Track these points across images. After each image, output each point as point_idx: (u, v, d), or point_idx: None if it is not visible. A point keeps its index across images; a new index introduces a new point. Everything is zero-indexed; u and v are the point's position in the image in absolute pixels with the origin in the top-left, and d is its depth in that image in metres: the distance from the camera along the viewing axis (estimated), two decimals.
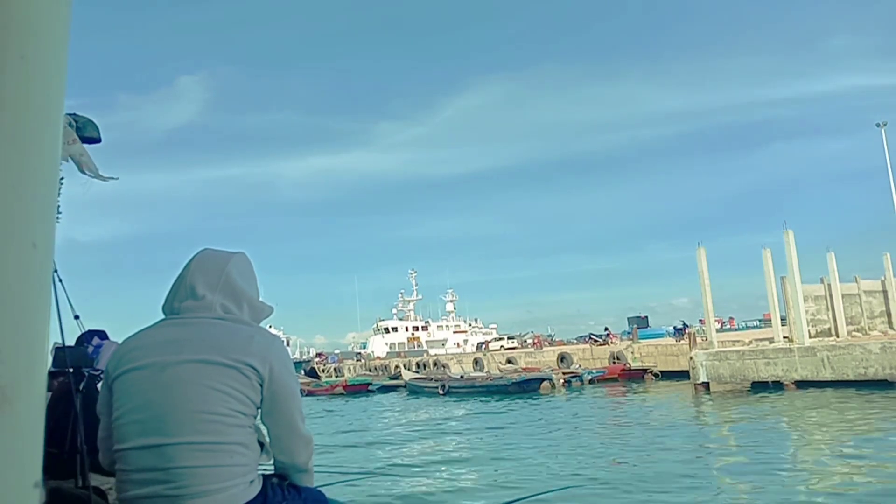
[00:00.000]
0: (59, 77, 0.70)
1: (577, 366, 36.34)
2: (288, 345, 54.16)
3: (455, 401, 29.20)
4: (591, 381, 33.03)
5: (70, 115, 3.02)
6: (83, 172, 3.02)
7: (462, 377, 34.49)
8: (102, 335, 4.26)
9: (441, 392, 32.64)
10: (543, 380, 31.42)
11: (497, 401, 27.02)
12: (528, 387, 30.23)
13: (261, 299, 1.95)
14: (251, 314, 1.89)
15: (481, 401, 27.99)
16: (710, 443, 14.10)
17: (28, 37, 0.66)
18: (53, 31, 0.69)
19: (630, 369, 33.95)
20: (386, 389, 40.11)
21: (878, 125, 40.38)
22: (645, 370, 33.62)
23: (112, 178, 3.17)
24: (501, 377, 33.35)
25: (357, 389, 39.38)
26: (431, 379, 36.45)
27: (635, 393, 27.91)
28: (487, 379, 33.03)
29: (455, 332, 76.75)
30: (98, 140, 3.16)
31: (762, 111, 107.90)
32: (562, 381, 32.06)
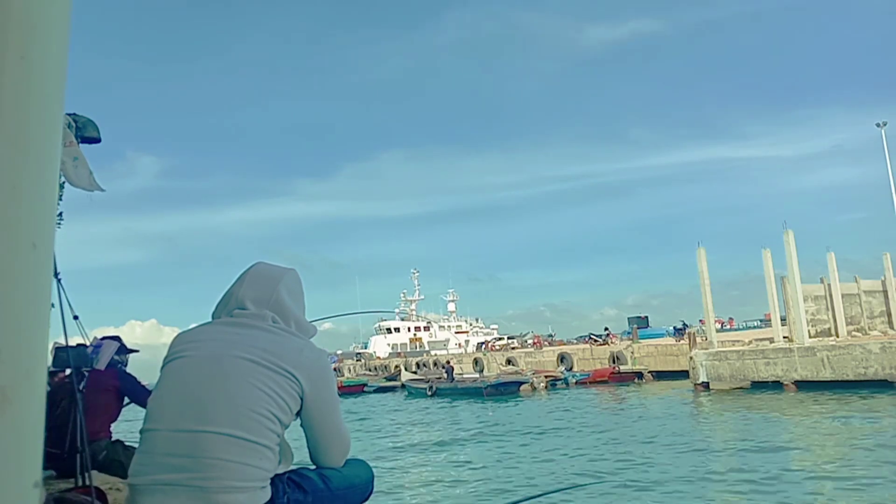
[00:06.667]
0: (59, 77, 0.70)
1: (566, 369, 36.22)
2: None
3: (445, 401, 29.31)
4: (577, 384, 32.62)
5: (70, 115, 3.02)
6: (69, 182, 3.00)
7: (452, 379, 34.61)
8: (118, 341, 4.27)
9: (429, 393, 32.83)
10: (521, 383, 31.30)
11: (470, 404, 26.96)
12: (505, 389, 30.07)
13: (306, 318, 2.00)
14: (297, 331, 1.94)
15: (463, 402, 28.09)
16: (708, 444, 14.10)
17: (28, 37, 0.66)
18: (53, 31, 0.69)
19: (620, 372, 33.17)
20: (383, 390, 39.92)
21: (878, 125, 40.17)
22: (638, 373, 32.75)
23: (99, 190, 3.14)
24: (480, 379, 33.43)
25: (352, 391, 38.98)
26: (426, 380, 36.61)
27: (628, 394, 27.45)
28: (474, 381, 33.09)
29: (457, 333, 76.65)
30: (98, 140, 3.16)
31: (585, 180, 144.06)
32: (543, 384, 31.94)
